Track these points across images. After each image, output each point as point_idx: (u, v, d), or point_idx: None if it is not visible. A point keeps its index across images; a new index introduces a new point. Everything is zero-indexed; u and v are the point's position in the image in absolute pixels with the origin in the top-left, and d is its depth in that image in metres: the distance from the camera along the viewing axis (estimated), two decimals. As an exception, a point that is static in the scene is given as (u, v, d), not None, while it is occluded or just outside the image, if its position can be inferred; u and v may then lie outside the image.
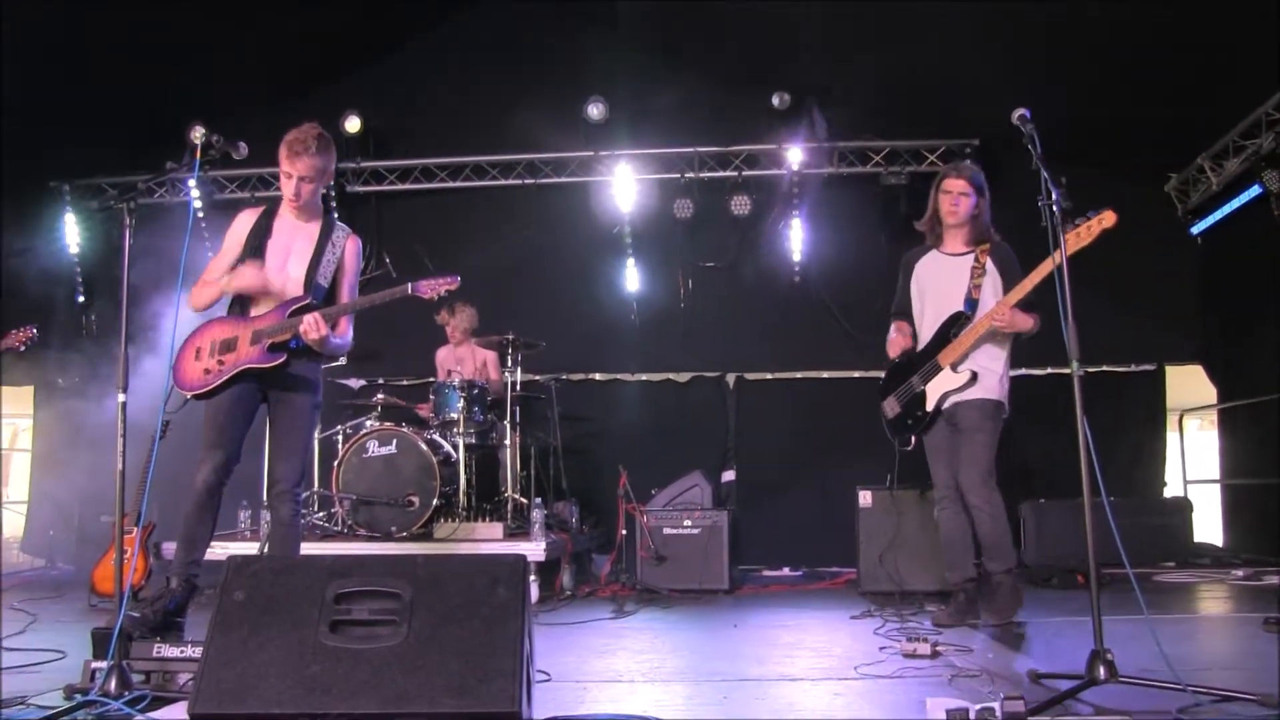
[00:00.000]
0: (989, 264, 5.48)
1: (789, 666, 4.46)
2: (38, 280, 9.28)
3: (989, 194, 5.63)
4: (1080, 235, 4.43)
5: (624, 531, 7.43)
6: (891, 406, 5.82)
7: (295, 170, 4.96)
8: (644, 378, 9.54)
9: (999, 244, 5.56)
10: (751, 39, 8.84)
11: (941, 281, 5.61)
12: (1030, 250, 4.89)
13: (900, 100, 8.81)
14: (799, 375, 9.34)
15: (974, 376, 5.39)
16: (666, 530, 7.24)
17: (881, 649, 4.72)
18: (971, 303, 5.42)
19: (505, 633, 3.09)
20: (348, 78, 9.80)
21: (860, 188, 9.32)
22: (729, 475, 8.98)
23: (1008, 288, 5.34)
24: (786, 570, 8.60)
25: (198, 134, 8.81)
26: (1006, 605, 5.36)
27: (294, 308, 4.91)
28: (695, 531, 7.21)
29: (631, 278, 9.48)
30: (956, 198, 5.54)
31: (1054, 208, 3.94)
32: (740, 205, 9.16)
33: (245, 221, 5.07)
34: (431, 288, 5.20)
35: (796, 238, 9.19)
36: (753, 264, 9.38)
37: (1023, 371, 5.90)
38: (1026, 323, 5.27)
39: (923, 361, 5.61)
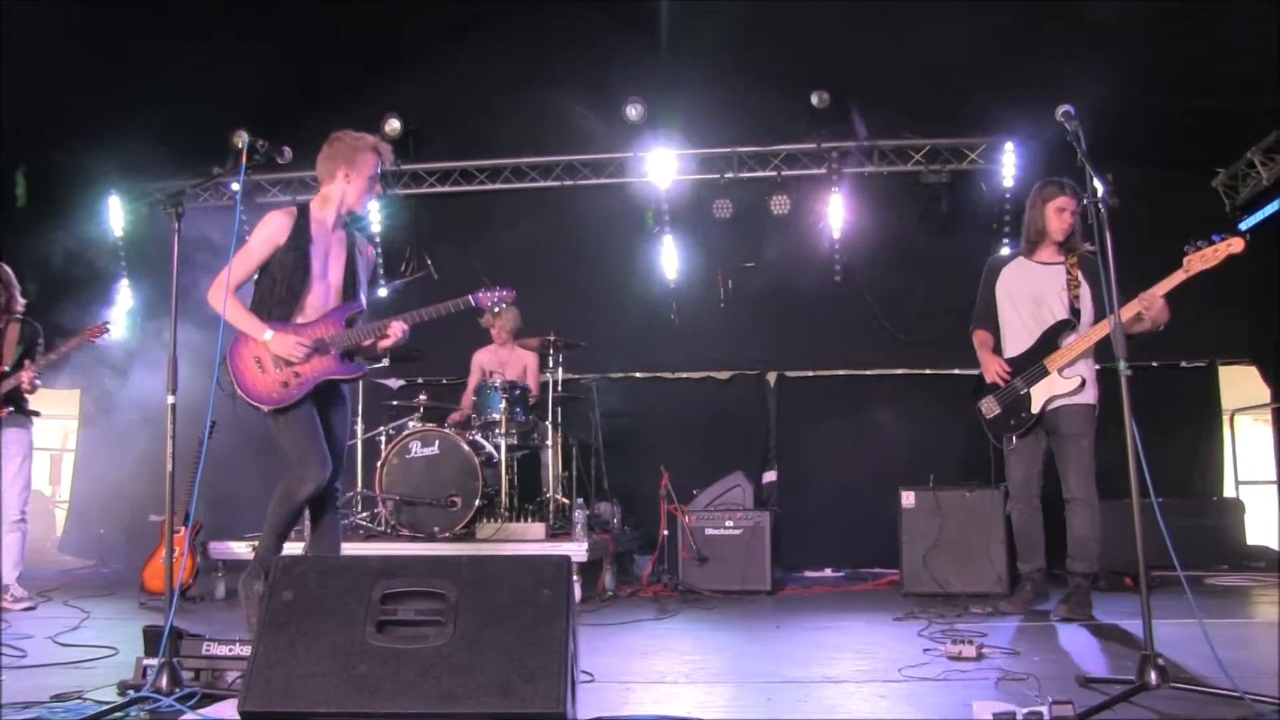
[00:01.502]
0: (1080, 277, 5.73)
1: (832, 668, 4.44)
2: (86, 281, 9.41)
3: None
4: (1206, 257, 4.75)
5: (665, 532, 7.42)
6: (990, 407, 5.99)
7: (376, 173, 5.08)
8: (684, 376, 9.53)
9: (1085, 255, 5.77)
10: (790, 38, 8.81)
11: (1034, 289, 5.86)
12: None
13: (941, 97, 8.74)
14: (840, 373, 9.29)
15: (1083, 382, 5.66)
16: (708, 531, 7.23)
17: (926, 651, 4.68)
18: (1075, 311, 5.68)
19: (550, 633, 3.10)
20: (388, 81, 9.87)
21: (901, 186, 9.26)
22: (770, 475, 8.94)
23: (1096, 297, 5.64)
24: (829, 571, 8.56)
25: (241, 138, 8.88)
26: (1080, 606, 5.57)
27: (348, 314, 4.99)
28: (737, 532, 7.19)
29: (671, 277, 9.47)
30: (1069, 216, 5.77)
31: (1099, 205, 3.89)
32: (780, 205, 9.15)
33: (280, 226, 4.93)
34: (490, 299, 5.27)
35: (836, 237, 9.14)
36: (793, 263, 9.34)
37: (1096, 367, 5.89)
38: (1165, 315, 5.39)
39: (1026, 365, 5.82)
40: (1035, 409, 5.77)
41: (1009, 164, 8.64)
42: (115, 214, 9.93)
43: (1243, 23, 6.71)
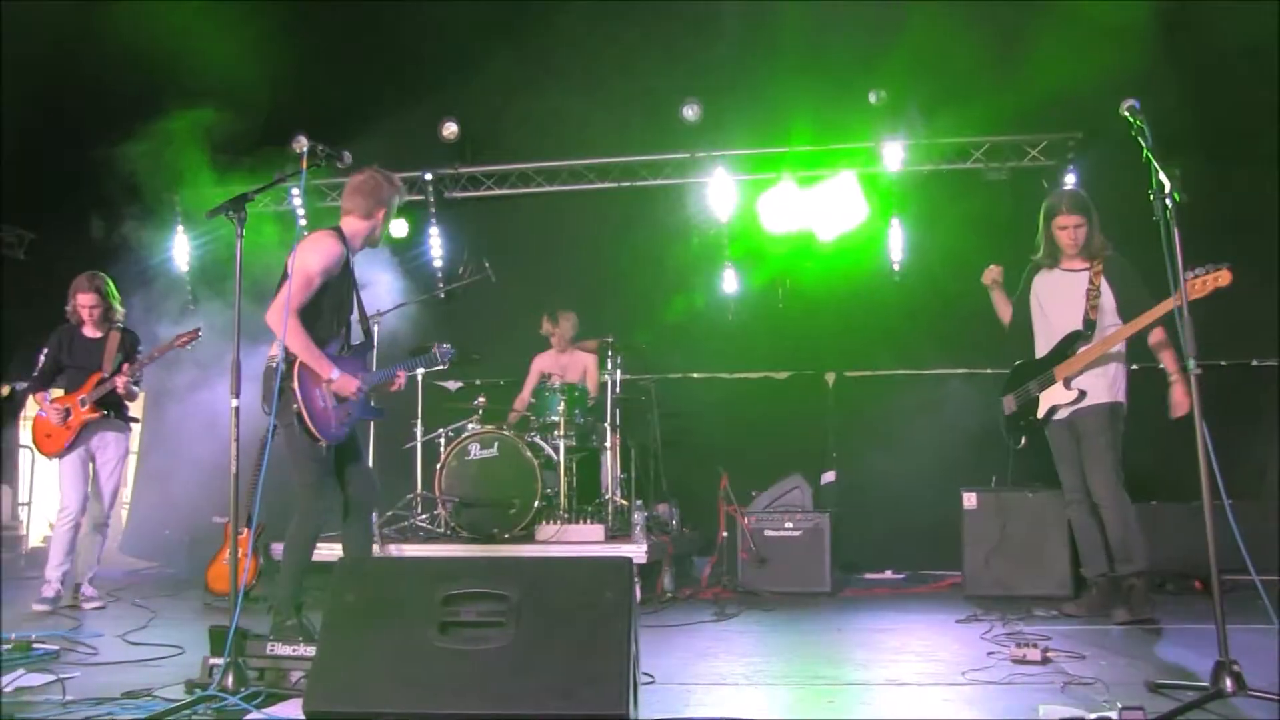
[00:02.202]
0: (1103, 284, 5.70)
1: (895, 671, 4.40)
2: (151, 285, 9.57)
3: (1094, 209, 5.80)
4: (1195, 287, 4.68)
5: (724, 534, 7.41)
6: (1009, 404, 6.08)
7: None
8: (742, 376, 9.49)
9: (1111, 258, 5.76)
10: (847, 36, 8.75)
11: (1059, 297, 5.87)
12: (1139, 244, 4.77)
13: (1000, 94, 8.63)
14: (900, 373, 9.19)
15: (1081, 395, 5.66)
16: (767, 532, 7.20)
17: (989, 654, 4.63)
18: (1090, 323, 5.66)
19: (612, 635, 3.10)
20: (445, 85, 9.93)
21: (960, 184, 9.16)
22: (829, 477, 8.86)
23: (1124, 301, 5.65)
24: (889, 573, 8.48)
25: (301, 144, 8.99)
26: (1140, 606, 5.49)
27: (368, 354, 5.17)
28: (797, 534, 7.16)
29: (729, 277, 9.44)
30: (1074, 232, 5.77)
31: (1166, 201, 3.82)
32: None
33: (338, 253, 4.84)
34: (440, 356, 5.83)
35: (895, 235, 9.06)
36: (851, 262, 9.27)
37: (1133, 366, 5.81)
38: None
39: (1040, 370, 5.86)
40: (1040, 414, 5.83)
41: (1071, 160, 8.51)
42: (180, 236, 10.11)
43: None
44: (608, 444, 7.77)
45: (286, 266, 4.78)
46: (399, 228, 9.71)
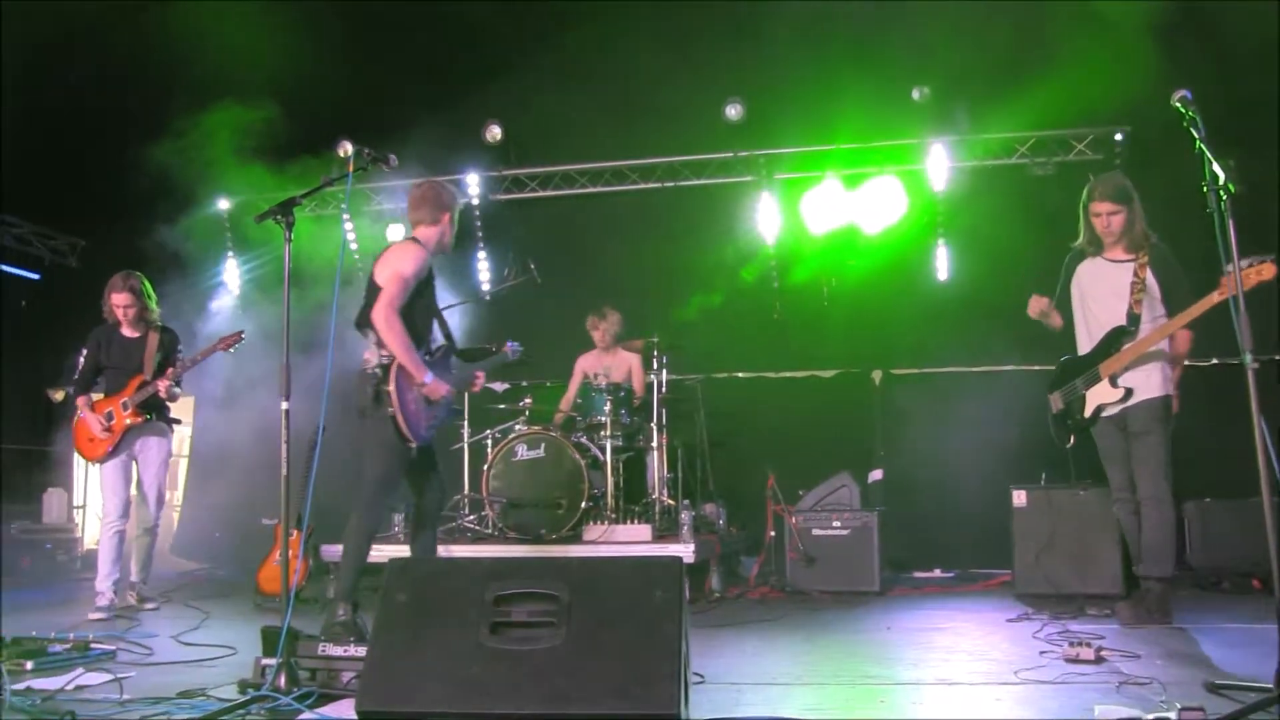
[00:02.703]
0: (1148, 277, 5.51)
1: (946, 670, 4.37)
2: (200, 290, 9.69)
3: (1137, 197, 5.63)
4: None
5: (772, 533, 7.39)
6: (1056, 402, 5.96)
7: None
8: (789, 375, 9.47)
9: (1156, 248, 5.57)
10: (890, 34, 8.70)
11: (1101, 289, 5.70)
12: (1191, 238, 4.71)
13: (1045, 88, 8.54)
14: (946, 370, 9.13)
15: (1128, 393, 5.49)
16: (815, 531, 7.18)
17: (1042, 653, 4.59)
18: (1134, 317, 5.49)
19: (663, 634, 3.11)
20: (488, 88, 9.97)
21: (1005, 179, 9.08)
22: (876, 475, 8.82)
23: (1168, 295, 5.47)
24: (938, 571, 8.43)
25: (346, 148, 9.07)
26: (1150, 614, 5.37)
27: (449, 358, 5.41)
28: (845, 532, 7.13)
29: (774, 275, 9.41)
30: (1107, 219, 5.61)
31: (1220, 193, 3.76)
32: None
33: (425, 259, 5.11)
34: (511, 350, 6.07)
35: (940, 232, 8.99)
36: (897, 259, 9.22)
37: (1185, 362, 5.71)
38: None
39: (1086, 366, 5.71)
40: (1087, 413, 5.68)
41: (1118, 154, 8.41)
42: (228, 241, 10.25)
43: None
44: (654, 444, 7.78)
45: (373, 277, 5.02)
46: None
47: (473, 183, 9.83)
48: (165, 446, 6.98)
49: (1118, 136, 8.45)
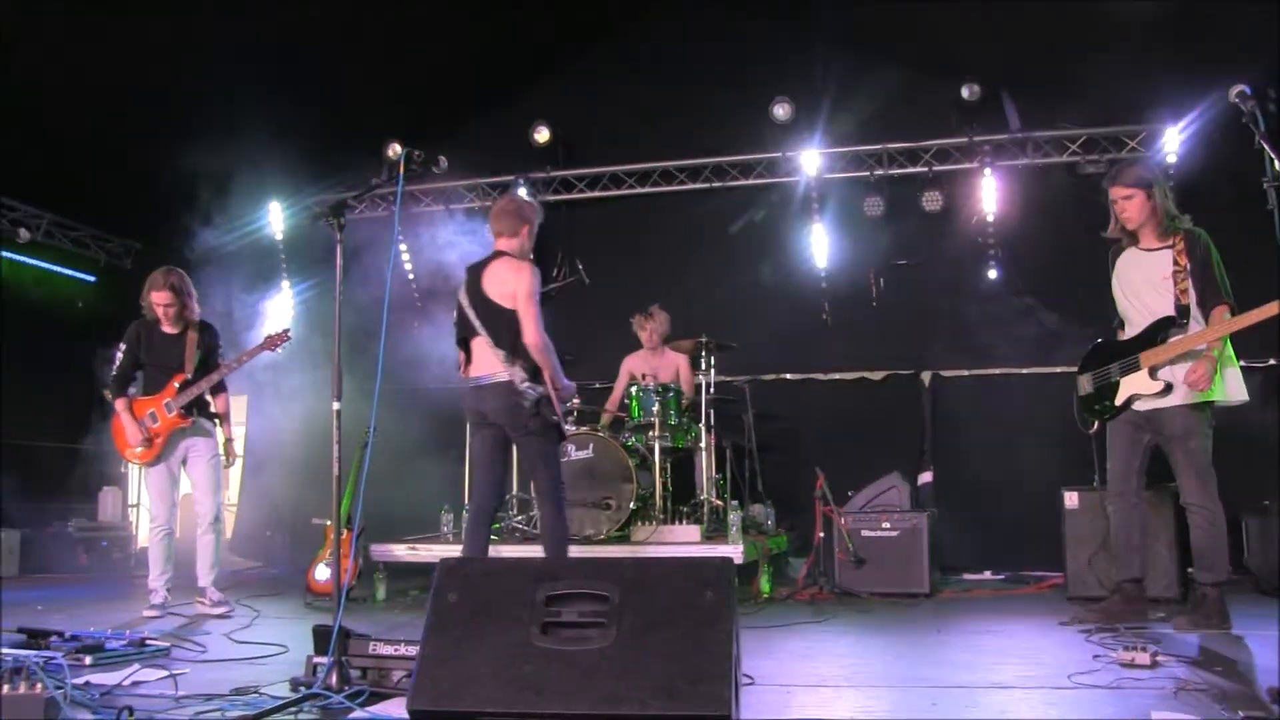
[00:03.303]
0: (1188, 264, 5.31)
1: (998, 674, 4.33)
2: (252, 291, 9.81)
3: (1159, 183, 5.46)
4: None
5: (821, 534, 7.35)
6: (1085, 385, 5.73)
7: None
8: (837, 377, 9.42)
9: (1190, 233, 5.37)
10: (938, 30, 8.65)
11: (1141, 279, 5.49)
12: (1254, 236, 4.63)
13: (1097, 84, 8.44)
14: (996, 372, 9.04)
15: (1167, 388, 5.26)
16: (864, 533, 7.14)
17: (1095, 658, 4.53)
18: (1183, 309, 5.29)
19: (714, 635, 3.11)
20: (536, 89, 10.05)
21: (1057, 178, 8.99)
22: (926, 477, 8.77)
23: (1198, 286, 5.26)
24: (988, 574, 8.35)
25: (395, 150, 9.12)
26: (1207, 619, 5.21)
27: None
28: (894, 534, 7.09)
29: (822, 277, 9.39)
30: (1123, 204, 5.45)
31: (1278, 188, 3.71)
32: (932, 201, 9.00)
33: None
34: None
35: (991, 232, 8.92)
36: (946, 260, 9.17)
37: (1243, 364, 5.58)
38: (1211, 367, 5.13)
39: (1126, 352, 5.48)
40: (1119, 400, 5.45)
41: (1173, 151, 8.30)
42: (276, 224, 10.40)
43: None
44: (702, 444, 7.77)
45: (486, 294, 5.38)
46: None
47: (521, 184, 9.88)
48: (211, 446, 6.76)
49: (1173, 132, 8.31)
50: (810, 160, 9.18)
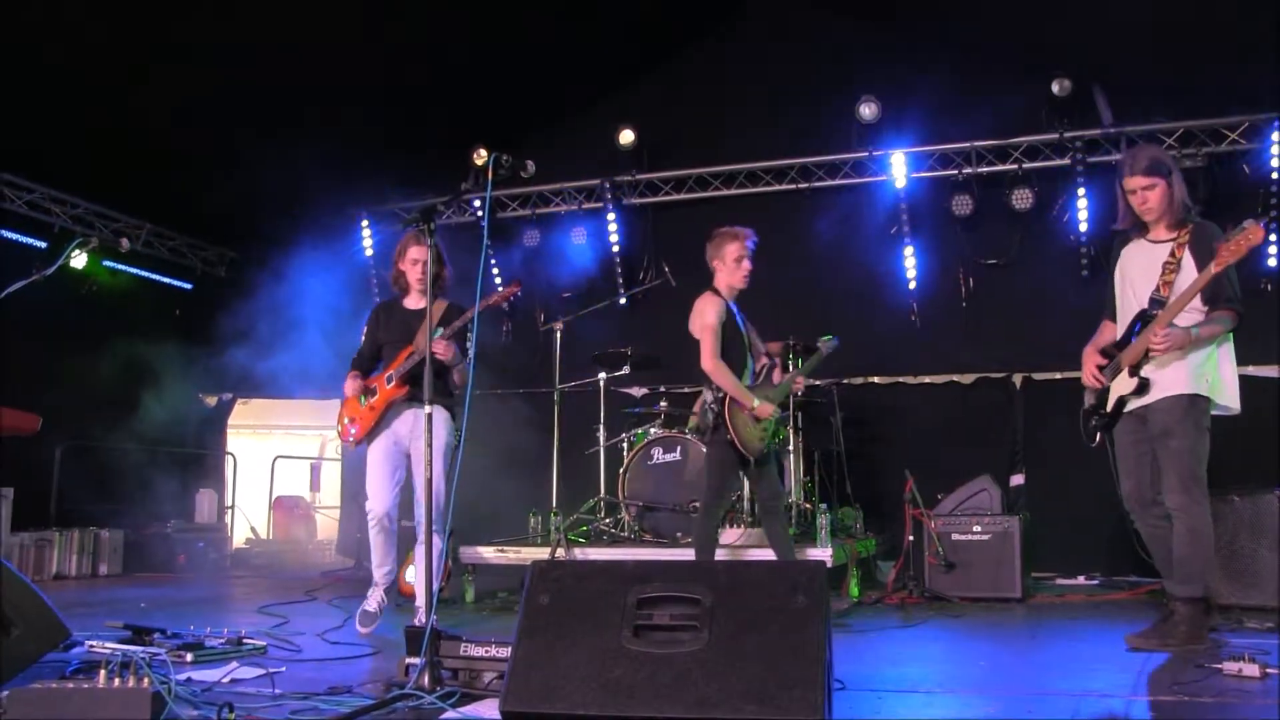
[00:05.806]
0: (1185, 256, 4.93)
1: (1095, 680, 4.24)
2: (344, 302, 9.98)
3: (1176, 169, 5.11)
4: (1231, 249, 4.47)
5: (911, 538, 7.27)
6: (1088, 397, 5.43)
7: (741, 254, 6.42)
8: (927, 380, 9.31)
9: (1199, 225, 5.01)
10: (1026, 24, 8.50)
11: (1139, 272, 5.13)
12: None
13: (1193, 75, 8.21)
14: (1090, 374, 8.84)
15: (1143, 384, 4.93)
16: (955, 536, 7.04)
17: (1198, 667, 4.39)
18: (1157, 301, 4.94)
19: (806, 640, 3.09)
20: (620, 93, 10.08)
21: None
22: (1018, 479, 8.61)
23: (1203, 283, 4.79)
24: (1082, 579, 8.19)
25: (481, 155, 9.21)
26: (1170, 636, 4.91)
27: (770, 374, 6.50)
28: (985, 538, 6.98)
29: (910, 278, 9.31)
30: (1143, 195, 5.03)
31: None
32: (1022, 199, 8.84)
33: (719, 306, 6.10)
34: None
35: (1083, 230, 8.75)
36: (1037, 260, 9.00)
37: (1251, 371, 5.19)
38: (1183, 341, 4.79)
39: (1111, 357, 5.21)
40: (1109, 406, 5.15)
41: (1277, 143, 8.05)
42: (365, 236, 10.57)
43: None
44: (790, 447, 7.73)
45: (691, 328, 6.15)
46: (578, 235, 9.92)
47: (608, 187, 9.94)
48: (441, 428, 5.42)
49: (1277, 123, 8.07)
50: (897, 160, 9.10)
